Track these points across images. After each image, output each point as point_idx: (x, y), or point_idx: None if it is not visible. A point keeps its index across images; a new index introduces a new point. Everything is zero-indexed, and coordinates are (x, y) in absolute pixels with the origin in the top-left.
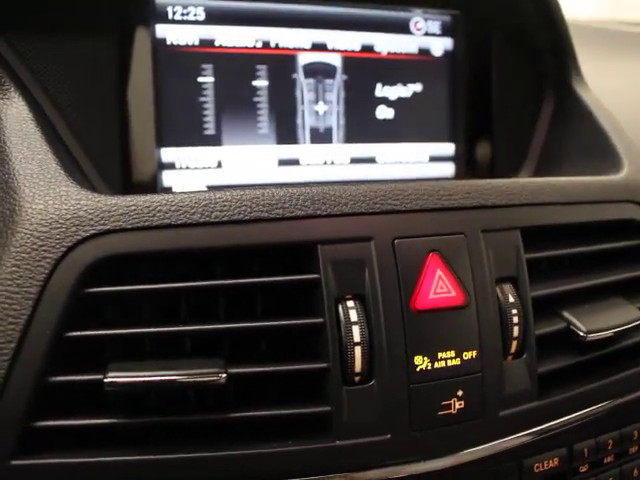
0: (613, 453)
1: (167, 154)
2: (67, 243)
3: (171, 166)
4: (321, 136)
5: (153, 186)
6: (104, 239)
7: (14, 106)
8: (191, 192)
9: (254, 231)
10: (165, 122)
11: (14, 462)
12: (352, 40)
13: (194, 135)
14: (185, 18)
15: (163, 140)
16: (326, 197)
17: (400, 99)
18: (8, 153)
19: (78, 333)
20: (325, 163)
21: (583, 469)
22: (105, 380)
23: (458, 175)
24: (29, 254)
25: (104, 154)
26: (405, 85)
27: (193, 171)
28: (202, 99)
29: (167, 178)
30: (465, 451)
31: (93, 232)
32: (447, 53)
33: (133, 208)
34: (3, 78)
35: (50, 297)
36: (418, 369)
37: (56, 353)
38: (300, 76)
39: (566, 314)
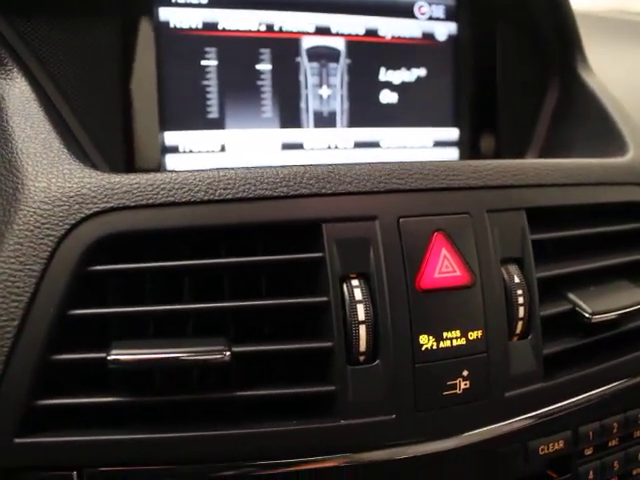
0: (618, 436)
1: (170, 138)
2: (70, 221)
3: (174, 150)
4: (325, 120)
5: (156, 170)
6: (107, 217)
7: (17, 86)
8: (195, 170)
9: (258, 209)
10: (168, 106)
11: (17, 440)
12: (356, 24)
13: (197, 119)
14: (188, 1)
15: (166, 124)
16: (331, 176)
17: (404, 83)
18: (11, 132)
19: (81, 311)
20: (329, 147)
21: (588, 452)
22: (108, 358)
23: (462, 160)
24: (32, 232)
25: (107, 138)
26: (409, 69)
27: (196, 155)
28: (205, 82)
29: (170, 162)
30: (470, 432)
31: (96, 210)
32: (451, 38)
33: (136, 186)
34: (6, 59)
35: (53, 275)
36: (423, 348)
37: (59, 331)
38: (304, 60)
39: (571, 296)
